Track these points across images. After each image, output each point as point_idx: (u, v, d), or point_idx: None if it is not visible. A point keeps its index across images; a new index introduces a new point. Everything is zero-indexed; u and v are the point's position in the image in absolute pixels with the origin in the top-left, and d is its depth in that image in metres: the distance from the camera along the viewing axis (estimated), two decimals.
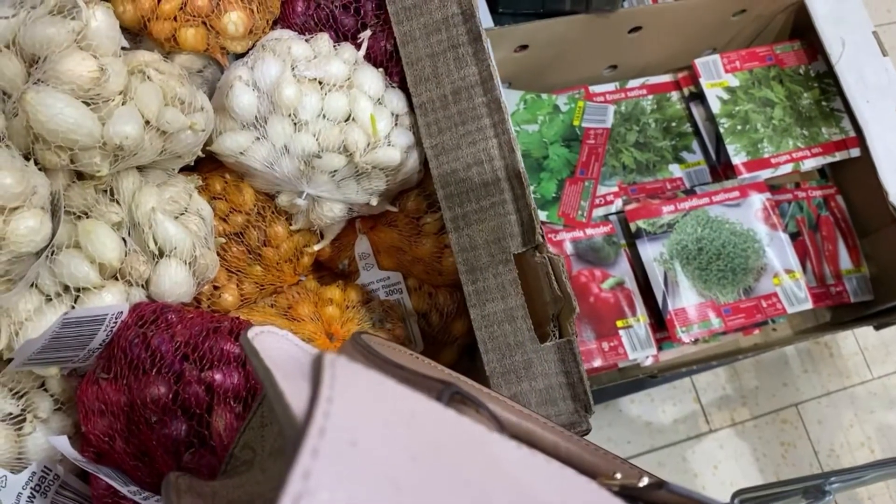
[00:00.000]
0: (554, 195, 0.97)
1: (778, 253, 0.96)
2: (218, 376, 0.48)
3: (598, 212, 0.99)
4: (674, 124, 1.06)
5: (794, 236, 1.02)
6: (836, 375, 1.18)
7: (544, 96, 1.01)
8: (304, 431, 0.19)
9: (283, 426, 0.23)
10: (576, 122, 1.01)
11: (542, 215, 0.97)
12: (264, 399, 0.39)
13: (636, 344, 0.93)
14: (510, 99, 1.00)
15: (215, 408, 0.47)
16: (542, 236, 0.55)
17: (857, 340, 1.20)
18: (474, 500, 0.20)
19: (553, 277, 0.53)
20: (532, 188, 0.97)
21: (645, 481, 0.30)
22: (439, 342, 0.69)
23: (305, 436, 0.19)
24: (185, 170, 0.63)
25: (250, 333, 0.33)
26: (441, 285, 0.69)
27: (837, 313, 1.06)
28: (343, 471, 0.18)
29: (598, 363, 0.92)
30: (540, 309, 0.55)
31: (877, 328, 1.01)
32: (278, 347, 0.35)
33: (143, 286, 0.53)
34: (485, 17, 0.97)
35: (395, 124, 0.61)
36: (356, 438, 0.19)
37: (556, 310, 0.53)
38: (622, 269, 0.96)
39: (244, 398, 0.48)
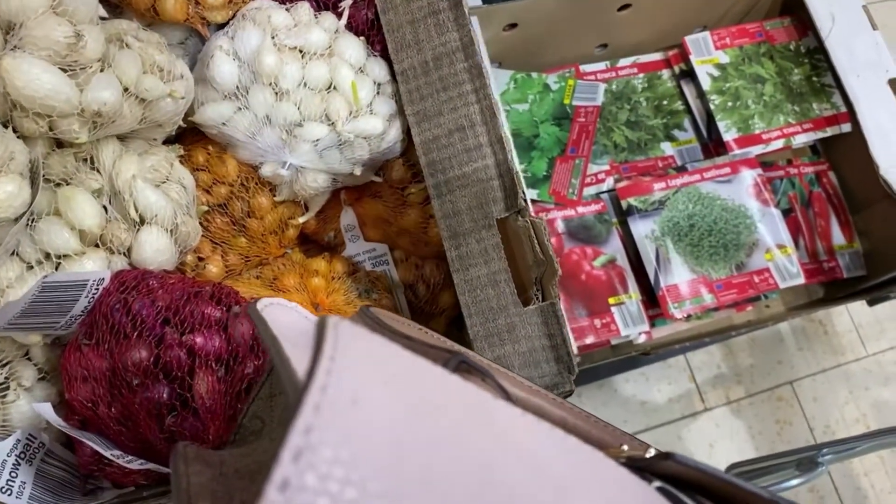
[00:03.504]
0: (545, 173, 0.97)
1: (769, 228, 0.96)
2: (199, 339, 0.48)
3: (590, 190, 0.99)
4: (665, 102, 1.06)
5: (787, 213, 1.02)
6: (830, 353, 1.18)
7: (534, 75, 1.01)
8: (306, 388, 0.19)
9: (287, 390, 0.23)
10: (566, 101, 1.01)
11: (533, 193, 0.97)
12: (273, 369, 0.39)
13: (628, 320, 0.93)
14: (500, 79, 1.00)
15: (197, 371, 0.47)
16: (525, 200, 0.55)
17: (852, 317, 1.20)
18: (477, 460, 0.20)
19: (535, 241, 0.53)
20: (523, 167, 0.97)
21: (652, 452, 0.30)
22: (427, 313, 0.69)
23: (307, 392, 0.18)
24: (169, 142, 0.62)
25: (259, 305, 0.33)
26: (428, 256, 0.68)
27: (830, 289, 1.06)
28: (345, 427, 0.18)
29: (590, 340, 0.92)
30: (523, 273, 0.55)
31: (870, 303, 1.01)
32: (287, 319, 0.35)
33: (124, 254, 0.53)
34: None
35: (378, 93, 0.61)
36: (358, 396, 0.19)
37: (539, 273, 0.53)
38: (614, 247, 0.96)
39: (226, 361, 0.48)
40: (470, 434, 0.21)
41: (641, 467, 0.30)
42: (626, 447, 0.32)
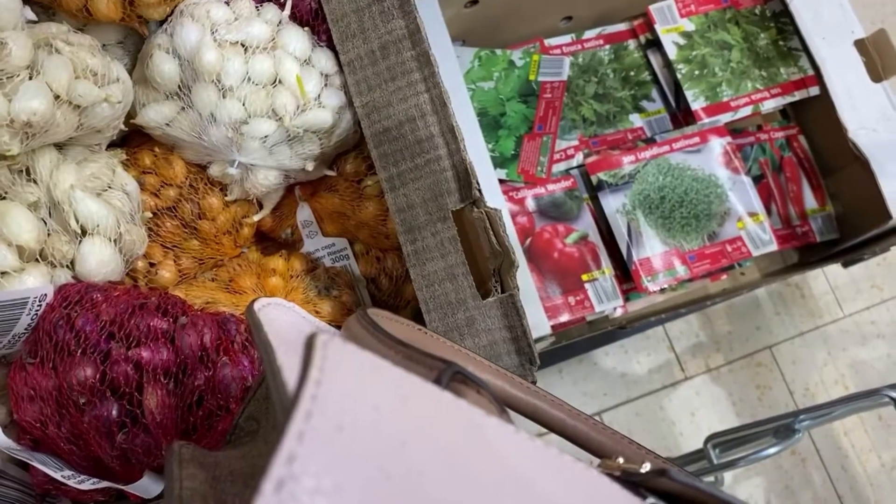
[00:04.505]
0: (513, 152, 0.96)
1: (741, 196, 0.95)
2: (146, 353, 0.46)
3: (560, 166, 0.98)
4: (632, 73, 1.04)
5: (758, 179, 1.01)
6: (807, 316, 1.18)
7: (499, 52, 0.99)
8: (289, 415, 0.18)
9: (276, 405, 0.23)
10: (532, 77, 0.99)
11: (501, 173, 0.95)
12: None
13: (602, 296, 0.92)
14: (464, 57, 0.98)
15: (145, 386, 0.46)
16: (479, 191, 0.53)
17: (828, 280, 1.20)
18: (466, 486, 0.20)
19: (491, 232, 0.51)
20: (490, 146, 0.96)
21: (647, 467, 0.30)
22: (392, 306, 0.68)
23: (291, 419, 0.18)
24: (114, 146, 0.61)
25: (256, 305, 0.33)
26: (389, 249, 0.67)
27: (805, 254, 1.06)
28: (329, 456, 0.18)
29: (565, 318, 0.91)
30: (482, 265, 0.54)
31: (844, 266, 1.01)
32: (284, 320, 0.34)
33: (68, 267, 0.52)
34: None
35: (326, 85, 0.59)
36: (344, 423, 0.19)
37: (497, 264, 0.52)
38: (585, 223, 0.95)
39: (174, 374, 0.47)
40: (460, 457, 0.21)
41: (636, 482, 0.29)
42: (621, 460, 0.32)
